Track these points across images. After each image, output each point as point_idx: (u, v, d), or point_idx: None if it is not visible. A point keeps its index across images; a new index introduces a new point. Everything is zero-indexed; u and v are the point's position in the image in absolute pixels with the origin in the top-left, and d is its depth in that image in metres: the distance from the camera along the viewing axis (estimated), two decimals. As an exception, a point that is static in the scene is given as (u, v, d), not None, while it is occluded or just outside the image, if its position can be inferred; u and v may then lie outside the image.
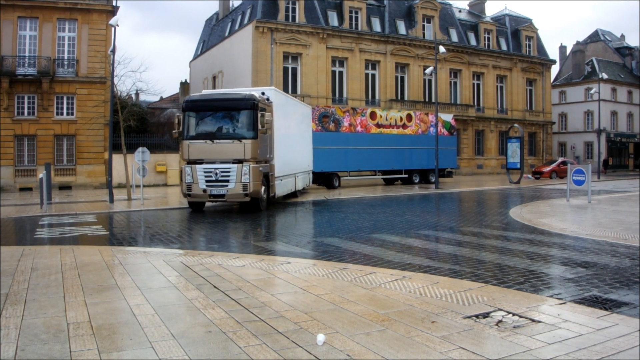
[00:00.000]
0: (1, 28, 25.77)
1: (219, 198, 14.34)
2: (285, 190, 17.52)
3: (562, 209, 14.62)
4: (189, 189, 14.36)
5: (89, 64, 27.13)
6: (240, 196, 14.12)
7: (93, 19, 27.47)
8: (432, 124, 28.40)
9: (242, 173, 13.90)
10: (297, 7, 36.59)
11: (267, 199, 15.18)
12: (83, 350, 3.85)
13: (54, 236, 10.63)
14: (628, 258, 7.41)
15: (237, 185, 13.96)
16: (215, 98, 15.28)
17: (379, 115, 26.59)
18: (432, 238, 9.78)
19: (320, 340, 3.96)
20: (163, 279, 6.19)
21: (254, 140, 14.11)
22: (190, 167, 14.24)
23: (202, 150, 14.30)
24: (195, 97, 15.55)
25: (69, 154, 27.48)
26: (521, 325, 4.33)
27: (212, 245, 9.30)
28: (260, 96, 14.75)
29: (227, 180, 14.02)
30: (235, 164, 13.99)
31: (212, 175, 14.09)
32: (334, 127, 24.42)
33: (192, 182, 14.23)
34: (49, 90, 26.46)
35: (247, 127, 14.25)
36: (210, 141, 14.25)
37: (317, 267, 6.84)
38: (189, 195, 14.58)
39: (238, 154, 14.02)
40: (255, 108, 14.17)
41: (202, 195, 14.39)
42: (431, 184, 28.01)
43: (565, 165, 36.56)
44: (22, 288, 5.78)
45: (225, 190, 14.05)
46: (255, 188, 14.06)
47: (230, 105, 14.57)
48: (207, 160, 14.24)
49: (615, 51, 62.51)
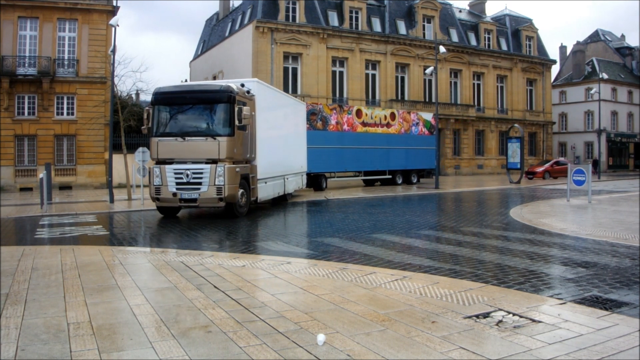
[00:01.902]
0: (1, 28, 25.79)
1: (190, 203, 12.78)
2: (270, 193, 15.81)
3: (562, 209, 14.62)
4: (157, 192, 12.88)
5: (89, 64, 27.14)
6: (214, 201, 12.58)
7: (93, 19, 27.49)
8: (414, 123, 27.99)
9: (216, 175, 12.39)
10: (298, 7, 36.60)
11: (247, 203, 13.64)
12: (83, 350, 3.85)
13: (54, 236, 10.63)
14: (628, 258, 7.41)
15: (210, 188, 12.43)
16: (186, 90, 13.66)
17: (365, 114, 25.68)
18: (432, 238, 9.78)
19: (320, 340, 3.96)
20: (163, 279, 6.19)
21: (229, 138, 12.61)
22: (159, 168, 12.79)
23: (173, 148, 12.81)
24: (165, 88, 13.68)
25: (69, 154, 27.49)
26: (521, 325, 4.32)
27: (212, 245, 9.30)
28: (239, 88, 13.20)
29: (200, 182, 12.52)
30: (208, 165, 12.51)
31: (183, 177, 12.59)
32: (322, 125, 23.30)
33: (161, 185, 12.76)
34: (49, 90, 26.47)
35: (222, 122, 12.72)
36: (182, 138, 12.72)
37: (317, 267, 6.84)
38: (157, 200, 13.07)
39: (212, 153, 12.52)
40: (231, 101, 12.64)
41: (171, 200, 12.84)
42: (413, 184, 27.73)
43: (558, 165, 36.53)
44: (22, 288, 5.78)
45: (197, 194, 12.52)
46: (231, 192, 12.55)
47: (203, 97, 13.00)
48: (178, 160, 12.79)
49: (615, 51, 62.52)
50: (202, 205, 13.00)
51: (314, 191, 22.86)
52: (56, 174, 26.09)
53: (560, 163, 37.30)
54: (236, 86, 13.15)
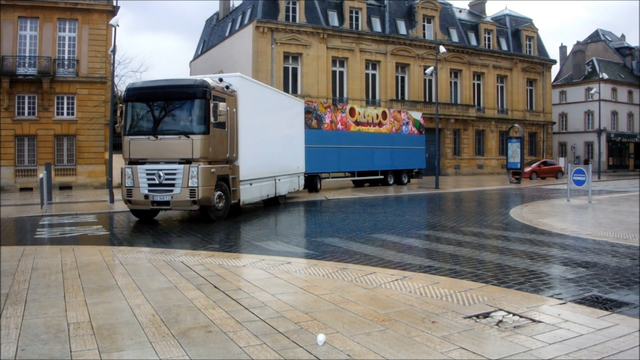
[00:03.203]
0: (1, 28, 25.80)
1: (162, 205, 12.10)
2: (256, 196, 14.86)
3: (562, 209, 14.62)
4: (129, 195, 12.18)
5: (90, 64, 27.17)
6: (187, 203, 11.84)
7: (93, 19, 27.50)
8: (404, 122, 27.78)
9: (190, 176, 11.65)
10: (298, 7, 36.61)
11: (227, 207, 12.82)
12: (83, 350, 3.85)
13: (54, 236, 10.63)
14: (628, 258, 7.41)
15: (183, 190, 11.69)
16: (159, 85, 12.74)
17: (358, 112, 25.19)
18: (432, 238, 9.78)
19: (320, 340, 3.95)
20: (163, 279, 6.19)
21: (204, 136, 11.84)
22: (131, 168, 12.12)
23: (145, 148, 12.12)
24: (138, 84, 13.07)
25: (70, 154, 27.50)
26: (521, 325, 4.32)
27: (212, 245, 9.30)
28: (216, 83, 12.43)
29: (173, 184, 11.78)
30: (182, 165, 11.78)
31: (155, 178, 11.88)
32: (317, 124, 22.59)
33: (132, 187, 12.08)
34: (49, 90, 26.48)
35: (196, 120, 11.99)
36: (154, 137, 12.01)
37: (317, 267, 6.84)
38: (129, 202, 12.42)
39: (185, 152, 11.79)
40: (206, 97, 11.85)
41: (143, 202, 12.12)
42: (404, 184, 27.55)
43: (546, 165, 36.43)
44: (22, 288, 5.78)
45: (169, 196, 11.80)
46: (205, 194, 11.77)
47: (176, 93, 12.23)
48: (151, 160, 12.08)
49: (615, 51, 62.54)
50: (176, 208, 12.37)
51: (308, 192, 22.22)
52: (56, 174, 26.10)
53: (548, 163, 37.20)
54: (212, 81, 12.37)
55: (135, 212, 13.11)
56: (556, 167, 36.74)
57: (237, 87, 13.44)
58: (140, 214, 13.13)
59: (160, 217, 13.94)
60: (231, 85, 13.14)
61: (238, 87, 13.49)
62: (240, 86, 13.63)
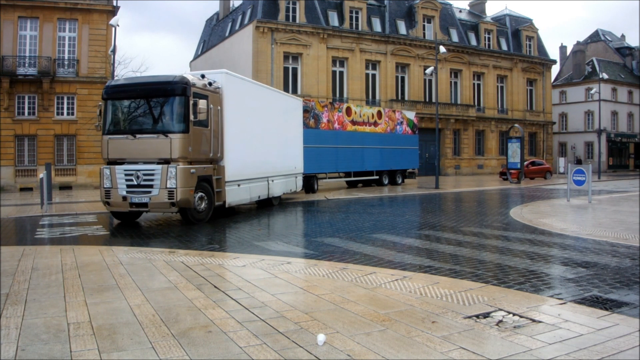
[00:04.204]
0: (2, 28, 25.81)
1: (141, 207, 11.68)
2: (245, 197, 14.29)
3: (562, 209, 14.61)
4: (107, 196, 11.83)
5: (90, 64, 27.19)
6: (166, 205, 11.43)
7: (93, 19, 27.51)
8: (398, 122, 27.65)
9: (168, 176, 11.25)
10: (298, 7, 36.62)
11: (209, 209, 12.39)
12: (83, 350, 3.85)
13: (54, 236, 10.63)
14: (628, 258, 7.41)
15: (161, 191, 11.30)
16: (138, 82, 12.50)
17: (354, 112, 24.91)
18: (432, 238, 9.78)
19: (320, 340, 3.95)
20: (163, 278, 6.19)
21: (183, 135, 11.42)
22: (109, 169, 11.77)
23: (123, 147, 11.78)
24: (116, 82, 12.73)
25: (70, 154, 27.51)
26: (522, 325, 4.32)
27: (212, 245, 9.30)
28: (197, 79, 11.96)
29: (151, 185, 11.41)
30: (160, 165, 11.39)
31: (134, 179, 11.52)
32: (314, 123, 22.19)
33: (111, 188, 11.74)
34: (49, 90, 26.50)
35: (174, 118, 11.56)
36: (132, 136, 11.68)
37: (317, 267, 6.84)
38: (107, 204, 12.05)
39: (163, 152, 11.39)
40: (185, 93, 11.44)
41: (122, 204, 11.74)
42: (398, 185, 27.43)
43: (534, 165, 36.10)
44: (22, 288, 5.78)
45: (148, 197, 11.44)
46: (184, 196, 11.35)
47: (154, 90, 11.78)
48: (130, 160, 11.74)
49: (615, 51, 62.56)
50: (154, 210, 11.91)
51: (305, 193, 21.81)
52: (56, 174, 26.11)
53: (536, 163, 36.88)
54: (193, 77, 11.92)
55: (116, 214, 12.68)
56: (544, 167, 36.26)
57: (222, 84, 12.86)
58: (120, 216, 12.70)
59: (160, 217, 13.94)
60: (215, 82, 12.62)
61: (223, 83, 12.90)
62: (226, 83, 13.03)
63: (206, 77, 12.36)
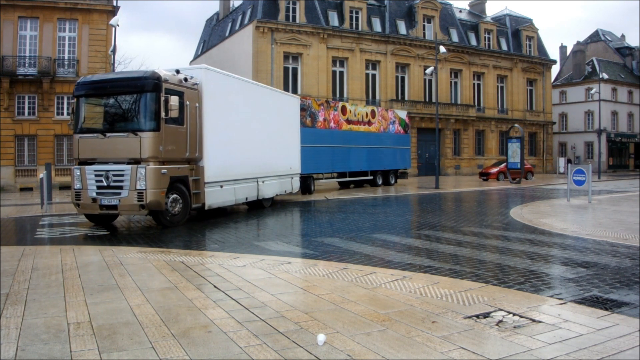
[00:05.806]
0: (2, 28, 25.82)
1: (111, 210, 11.14)
2: (228, 199, 13.58)
3: (562, 209, 14.62)
4: (77, 197, 11.37)
5: (90, 64, 27.18)
6: (135, 208, 10.85)
7: (93, 19, 27.52)
8: (391, 121, 27.37)
9: (137, 177, 10.71)
10: (298, 7, 36.61)
11: (185, 211, 11.81)
12: (83, 350, 3.85)
13: (54, 236, 10.63)
14: (628, 258, 7.41)
15: (131, 193, 10.77)
16: (108, 79, 11.89)
17: (349, 110, 24.36)
18: (432, 238, 9.78)
19: (320, 340, 3.95)
20: (163, 278, 6.20)
21: (154, 133, 10.86)
22: (80, 169, 11.28)
23: (94, 146, 11.28)
24: (87, 78, 12.12)
25: (70, 154, 27.48)
26: (522, 325, 4.32)
27: (212, 245, 9.30)
28: (170, 75, 11.35)
29: (121, 186, 10.89)
30: (130, 166, 10.87)
31: (103, 180, 11.01)
32: (311, 122, 21.61)
33: (81, 189, 11.27)
34: (49, 90, 26.50)
35: (144, 115, 10.99)
36: (102, 135, 11.18)
37: (317, 267, 6.84)
38: (77, 206, 11.56)
39: (133, 151, 10.85)
40: (156, 90, 10.89)
41: (91, 206, 11.23)
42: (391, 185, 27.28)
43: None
44: (22, 288, 5.79)
45: (117, 199, 10.91)
46: (154, 198, 10.78)
47: (125, 86, 11.27)
48: (100, 160, 11.24)
49: (615, 51, 62.56)
50: (124, 213, 11.42)
51: (301, 194, 21.31)
52: (56, 174, 26.09)
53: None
54: (166, 73, 11.34)
55: (90, 216, 12.23)
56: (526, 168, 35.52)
57: (201, 79, 12.26)
58: (94, 218, 12.24)
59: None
60: (192, 77, 12.08)
61: (203, 80, 12.28)
62: (206, 79, 12.42)
63: (182, 72, 11.81)
